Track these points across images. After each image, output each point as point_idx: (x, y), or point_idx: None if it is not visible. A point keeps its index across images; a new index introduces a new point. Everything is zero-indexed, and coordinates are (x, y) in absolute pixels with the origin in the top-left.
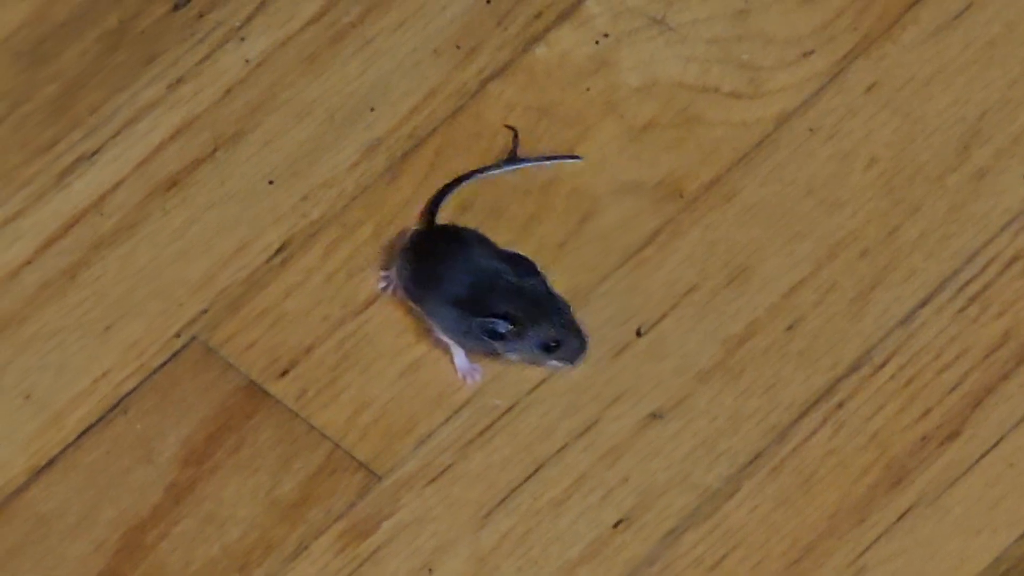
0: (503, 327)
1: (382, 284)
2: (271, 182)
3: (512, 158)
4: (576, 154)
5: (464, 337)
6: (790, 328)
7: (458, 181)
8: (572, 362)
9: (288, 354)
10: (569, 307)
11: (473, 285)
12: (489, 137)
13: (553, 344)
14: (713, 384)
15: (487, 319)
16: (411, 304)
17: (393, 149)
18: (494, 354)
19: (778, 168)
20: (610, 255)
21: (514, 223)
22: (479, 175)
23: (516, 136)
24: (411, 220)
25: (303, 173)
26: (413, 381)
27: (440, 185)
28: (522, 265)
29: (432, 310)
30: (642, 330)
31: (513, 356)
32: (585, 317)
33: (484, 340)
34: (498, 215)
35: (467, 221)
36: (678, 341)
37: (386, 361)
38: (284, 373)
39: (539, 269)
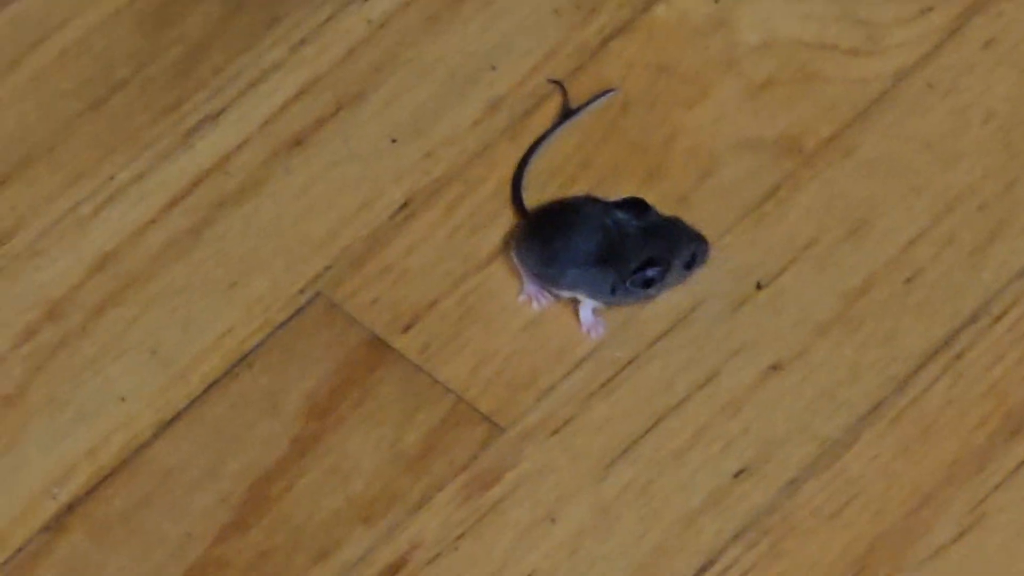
0: (654, 272)
1: (523, 298)
2: (394, 140)
3: (566, 112)
4: (611, 88)
5: (614, 295)
6: (908, 280)
7: (525, 161)
8: (704, 262)
9: (411, 309)
10: (687, 224)
11: (604, 242)
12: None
13: (691, 259)
14: (832, 336)
15: (640, 272)
16: (551, 289)
17: (514, 107)
18: (641, 301)
19: (896, 124)
20: (730, 210)
21: (633, 179)
22: (542, 145)
23: (564, 90)
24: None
25: (425, 131)
26: (535, 335)
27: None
28: (635, 206)
29: (573, 282)
30: (762, 283)
31: (664, 294)
32: (705, 271)
33: (638, 292)
34: (617, 173)
35: (586, 180)
36: (797, 294)
37: (508, 315)
38: (407, 328)
39: (652, 205)
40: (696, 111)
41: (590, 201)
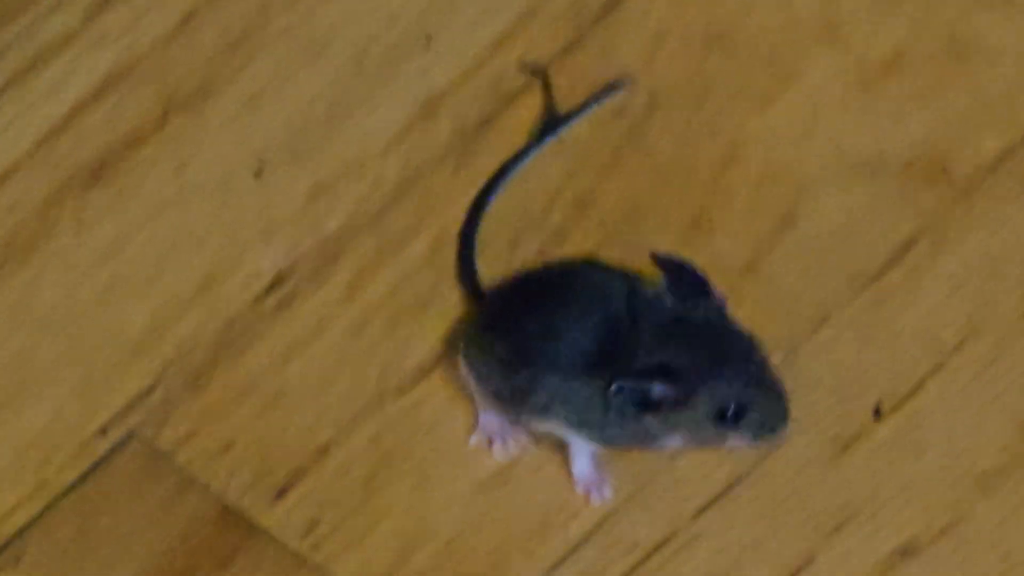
0: (659, 389)
1: (477, 440)
2: (259, 172)
3: (551, 120)
4: (623, 79)
5: (596, 425)
6: None
7: (481, 205)
8: (770, 436)
9: (288, 462)
10: (759, 346)
11: (604, 332)
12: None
13: (736, 409)
14: (998, 494)
15: (629, 380)
16: (523, 421)
17: (463, 112)
18: (646, 443)
19: None
20: (829, 284)
21: (664, 230)
22: (509, 176)
23: (546, 82)
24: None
25: (312, 154)
26: (500, 503)
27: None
28: (683, 278)
29: (550, 398)
30: (882, 409)
31: (674, 440)
32: (792, 382)
33: (628, 419)
34: (637, 220)
35: (585, 234)
36: (940, 427)
37: (452, 471)
38: (282, 493)
39: (709, 283)
40: (771, 114)
41: (592, 268)
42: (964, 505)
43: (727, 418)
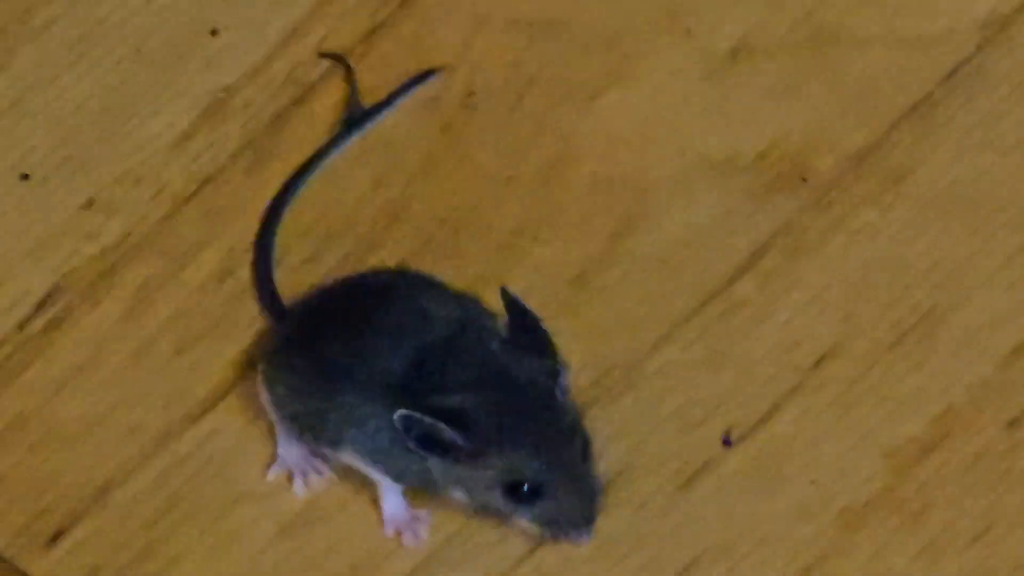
0: (448, 434)
1: (276, 472)
2: (25, 175)
3: (354, 115)
4: (435, 68)
5: (386, 458)
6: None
7: (276, 211)
8: (562, 535)
9: (62, 504)
10: (582, 432)
11: (417, 359)
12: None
13: (526, 490)
14: (863, 535)
15: (416, 412)
16: (308, 438)
17: (256, 106)
18: (432, 489)
19: (990, 117)
20: (672, 297)
21: (487, 244)
22: (306, 178)
23: (349, 69)
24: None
25: (85, 156)
26: (303, 547)
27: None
28: (526, 327)
29: (341, 419)
30: (732, 437)
31: (458, 494)
32: (630, 407)
33: (413, 457)
34: (448, 232)
35: (393, 248)
36: (798, 457)
37: (250, 511)
38: (55, 538)
39: (552, 346)
40: (606, 110)
41: (409, 278)
42: (826, 544)
43: (520, 496)
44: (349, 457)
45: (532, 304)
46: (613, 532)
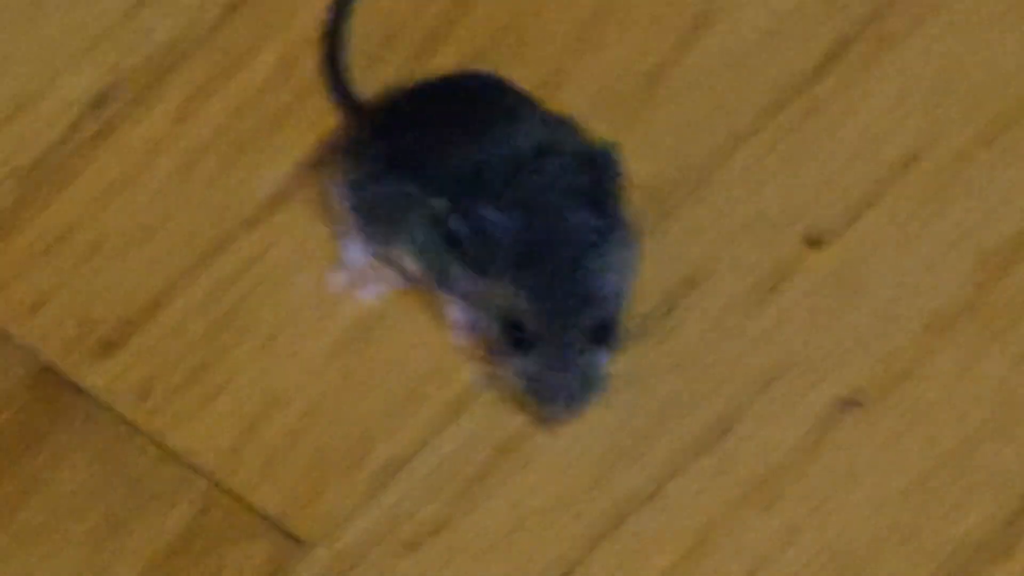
0: (465, 229)
1: (344, 277)
2: None
3: None
4: None
5: (430, 253)
6: None
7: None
8: (546, 400)
9: (114, 315)
10: (601, 303)
11: (486, 166)
12: None
13: (521, 335)
14: (954, 343)
15: (458, 213)
16: (373, 232)
17: None
18: (444, 287)
19: None
20: (749, 96)
21: (551, 45)
22: None
23: None
24: None
25: None
26: (359, 365)
27: None
28: (599, 185)
29: (404, 203)
30: (817, 241)
31: (470, 310)
32: (708, 212)
33: (431, 240)
34: (522, 29)
35: (466, 48)
36: (885, 261)
37: (306, 326)
38: (106, 351)
39: (620, 172)
40: None
41: (502, 86)
42: (915, 352)
43: (515, 339)
44: (401, 253)
45: (607, 101)
46: (696, 340)
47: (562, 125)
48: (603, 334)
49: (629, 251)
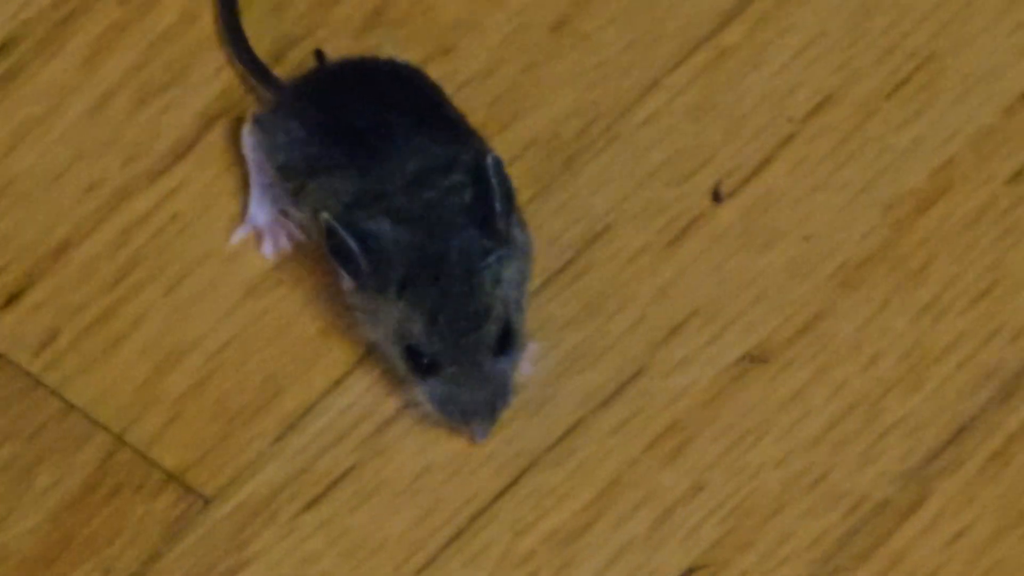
0: (356, 253)
1: (242, 234)
2: None
3: None
4: None
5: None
6: None
7: None
8: (461, 421)
9: (18, 263)
10: (498, 314)
11: (392, 170)
12: None
13: (421, 360)
14: (861, 293)
15: (341, 225)
16: (288, 190)
17: None
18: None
19: None
20: (660, 46)
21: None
22: None
23: None
24: None
25: None
26: (269, 309)
27: None
28: (483, 200)
29: (324, 176)
30: (722, 190)
31: (370, 332)
32: (615, 159)
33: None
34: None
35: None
36: (792, 211)
37: (214, 270)
38: (10, 300)
39: (509, 185)
40: None
41: (415, 80)
42: (822, 302)
43: (419, 364)
44: (302, 215)
45: (510, 53)
46: (599, 291)
47: (459, 134)
48: (506, 341)
49: (520, 263)
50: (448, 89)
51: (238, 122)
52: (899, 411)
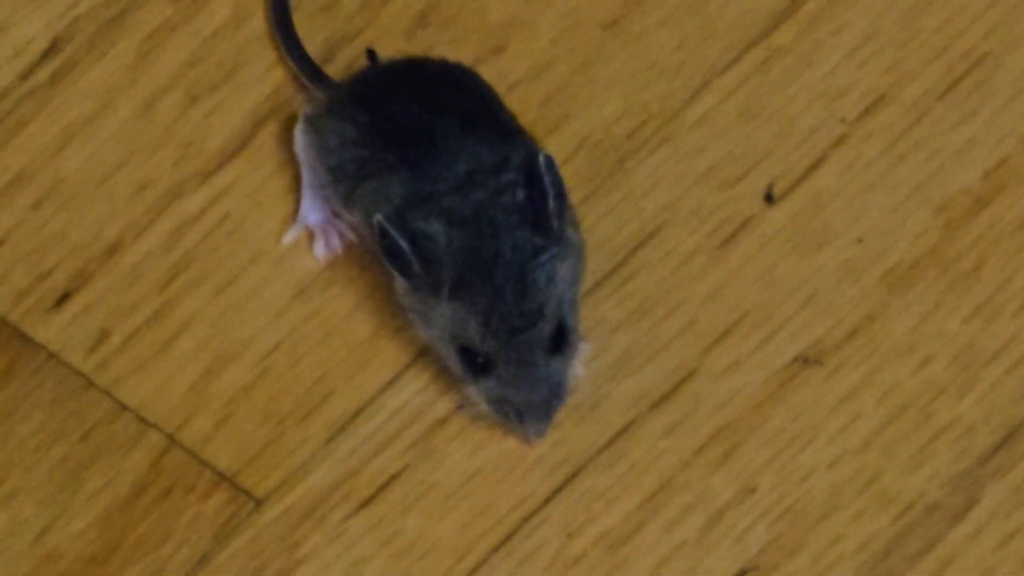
0: (409, 254)
1: (293, 236)
2: None
3: None
4: None
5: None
6: None
7: None
8: (516, 420)
9: (69, 264)
10: (550, 312)
11: (446, 172)
12: None
13: (476, 360)
14: (912, 295)
15: (394, 227)
16: (339, 192)
17: None
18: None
19: None
20: (712, 46)
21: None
22: None
23: None
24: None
25: None
26: (319, 311)
27: None
28: (536, 199)
29: (373, 179)
30: (774, 192)
31: (425, 333)
32: (666, 160)
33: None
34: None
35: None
36: (843, 213)
37: (265, 272)
38: (62, 300)
39: (561, 184)
40: None
41: (470, 82)
42: (874, 304)
43: (473, 364)
44: (354, 217)
45: (561, 53)
46: (650, 293)
47: (510, 135)
48: (560, 340)
49: (573, 261)
50: (498, 89)
51: (289, 121)
52: (950, 414)
